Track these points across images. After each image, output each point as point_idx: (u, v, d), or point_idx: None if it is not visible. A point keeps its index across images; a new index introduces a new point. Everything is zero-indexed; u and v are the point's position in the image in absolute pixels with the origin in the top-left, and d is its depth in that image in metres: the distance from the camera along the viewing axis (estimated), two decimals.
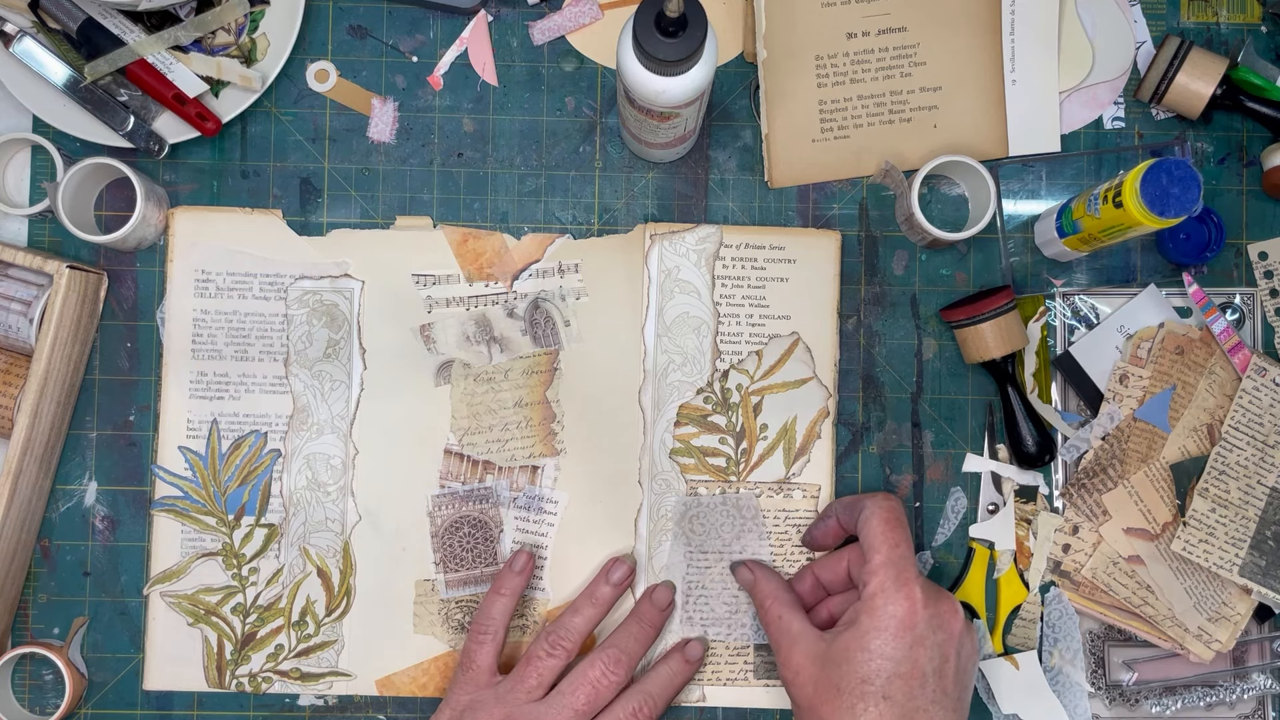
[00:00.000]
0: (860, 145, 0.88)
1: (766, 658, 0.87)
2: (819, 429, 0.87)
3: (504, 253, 0.87)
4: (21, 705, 0.86)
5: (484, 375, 0.87)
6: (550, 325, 0.87)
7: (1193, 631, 0.85)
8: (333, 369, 0.86)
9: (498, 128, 0.89)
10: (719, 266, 0.87)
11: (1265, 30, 0.90)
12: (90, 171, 0.84)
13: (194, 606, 0.86)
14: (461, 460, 0.87)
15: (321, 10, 0.89)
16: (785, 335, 0.87)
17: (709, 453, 0.87)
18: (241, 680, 0.86)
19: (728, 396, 0.87)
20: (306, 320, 0.87)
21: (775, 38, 0.87)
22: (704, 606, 0.86)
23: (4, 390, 0.83)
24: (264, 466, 0.86)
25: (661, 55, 0.71)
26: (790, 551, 0.87)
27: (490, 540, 0.87)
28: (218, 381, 0.87)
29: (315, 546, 0.86)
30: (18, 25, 0.84)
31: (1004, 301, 0.84)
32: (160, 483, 0.86)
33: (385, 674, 0.86)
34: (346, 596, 0.86)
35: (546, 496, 0.87)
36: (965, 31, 0.88)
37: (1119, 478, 0.86)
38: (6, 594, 0.84)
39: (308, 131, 0.88)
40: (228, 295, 0.87)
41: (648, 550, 0.86)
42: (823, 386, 0.87)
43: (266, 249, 0.87)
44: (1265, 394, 0.85)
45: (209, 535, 0.86)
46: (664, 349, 0.87)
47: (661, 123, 0.78)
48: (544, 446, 0.87)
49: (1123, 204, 0.77)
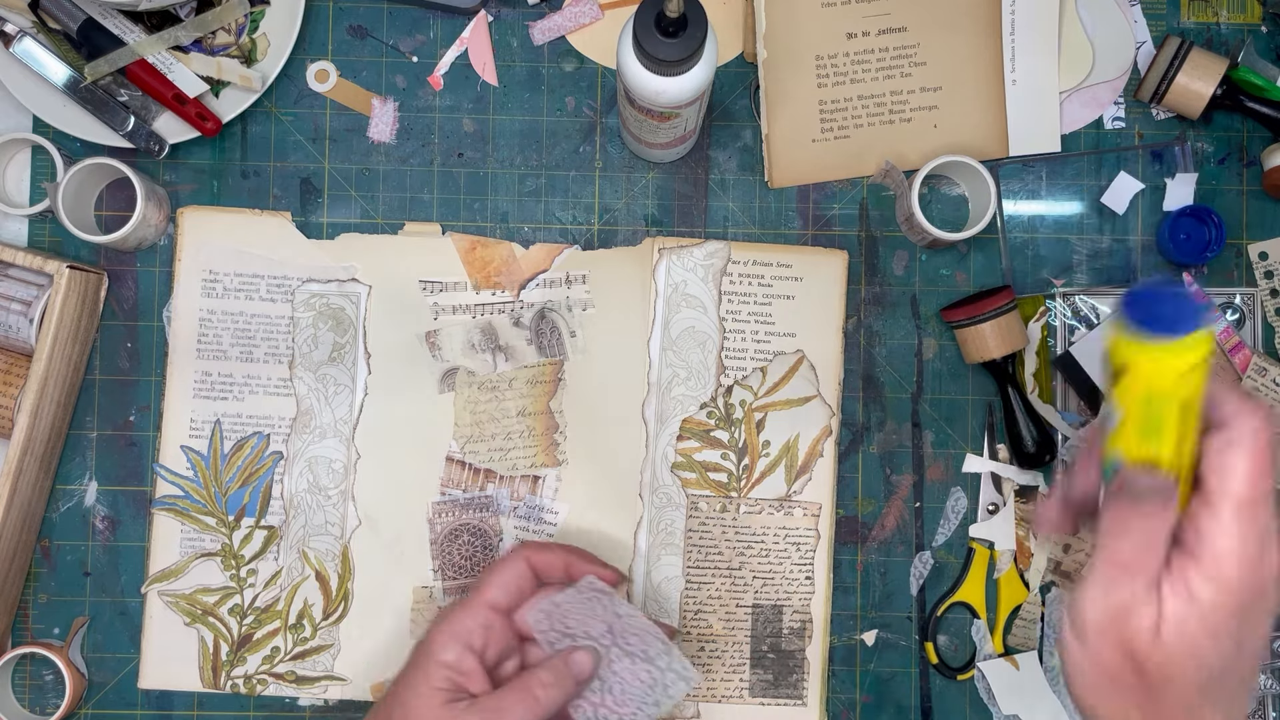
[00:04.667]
0: (860, 145, 0.88)
1: (762, 675, 0.86)
2: (821, 447, 0.87)
3: (511, 262, 0.87)
4: (21, 705, 0.86)
5: (488, 384, 0.87)
6: (556, 335, 0.87)
7: None
8: (337, 372, 0.86)
9: (498, 128, 0.89)
10: (726, 282, 0.87)
11: (1265, 30, 0.90)
12: (90, 171, 0.84)
13: (191, 606, 0.86)
14: (463, 468, 0.87)
15: (321, 10, 0.89)
16: (790, 353, 0.87)
17: (711, 468, 0.87)
18: (236, 682, 0.85)
19: (731, 412, 0.87)
20: (312, 323, 0.87)
21: (775, 38, 0.87)
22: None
23: (4, 390, 0.83)
24: (265, 468, 0.86)
25: (661, 55, 0.71)
26: (790, 570, 0.86)
27: (490, 549, 0.86)
28: (222, 382, 0.87)
29: (314, 550, 0.86)
30: (18, 25, 0.84)
31: (1004, 301, 0.84)
32: (161, 481, 0.86)
33: (380, 679, 0.86)
34: (344, 601, 0.86)
35: (547, 507, 0.86)
36: (965, 31, 0.88)
37: None
38: (6, 594, 0.84)
39: (308, 131, 0.88)
40: (234, 296, 0.87)
41: (646, 564, 0.86)
42: (826, 405, 0.87)
43: (274, 251, 0.87)
44: (1266, 394, 0.85)
45: (208, 535, 0.86)
46: (669, 363, 0.86)
47: (661, 123, 0.78)
48: (546, 456, 0.87)
49: (1127, 374, 0.54)
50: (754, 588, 0.87)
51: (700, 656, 0.86)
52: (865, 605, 0.88)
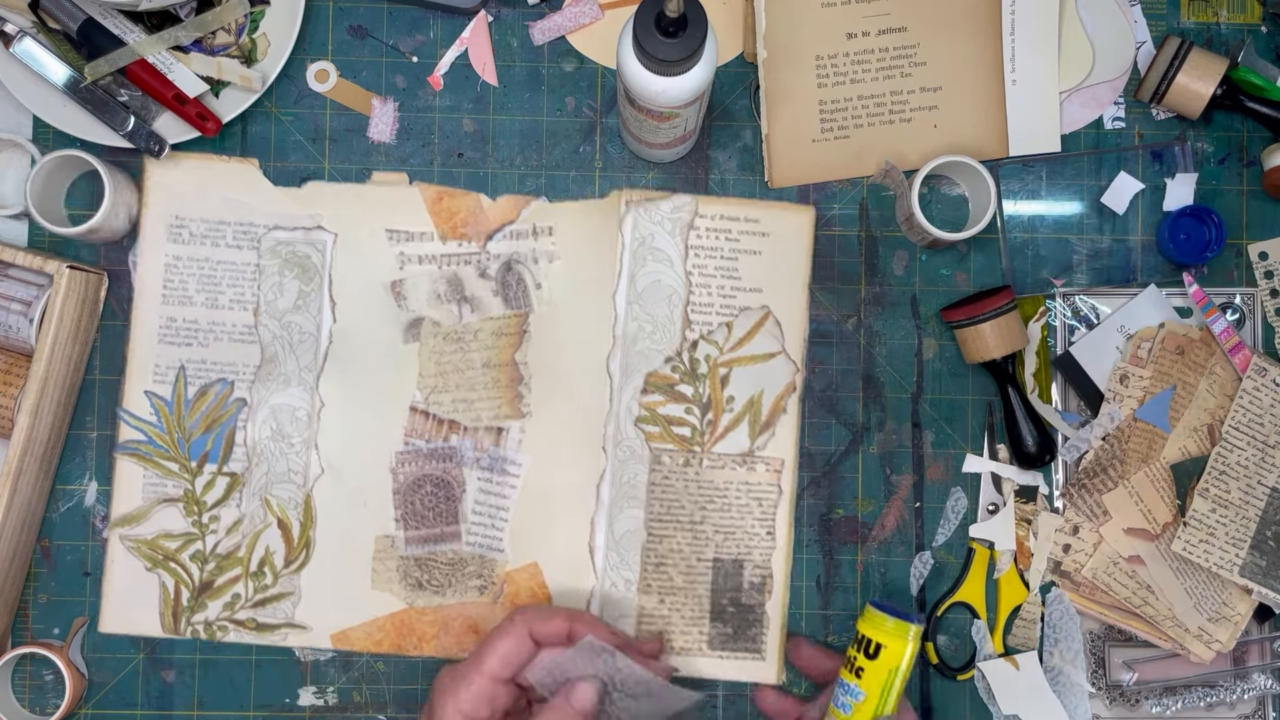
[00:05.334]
0: (860, 145, 0.88)
1: (722, 629, 0.87)
2: (785, 404, 0.87)
3: (479, 212, 0.87)
4: (21, 705, 0.86)
5: (453, 334, 0.87)
6: (521, 287, 0.87)
7: (1193, 632, 0.85)
8: (302, 320, 0.87)
9: (498, 128, 0.89)
10: (693, 236, 0.87)
11: (1265, 30, 0.90)
12: (59, 165, 0.84)
13: (153, 551, 0.86)
14: (427, 418, 0.87)
15: (321, 10, 0.89)
16: (756, 308, 0.87)
17: (674, 422, 0.87)
18: (197, 627, 0.86)
19: (696, 367, 0.87)
20: (278, 271, 0.87)
21: (775, 38, 0.87)
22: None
23: (4, 390, 0.83)
24: (229, 415, 0.87)
25: (662, 55, 0.71)
26: (751, 525, 0.87)
27: (452, 499, 0.87)
28: (187, 328, 0.87)
29: (277, 497, 0.86)
30: (18, 25, 0.84)
31: (1004, 301, 0.84)
32: (125, 426, 0.86)
33: (341, 628, 0.86)
34: (306, 549, 0.86)
35: (510, 458, 0.87)
36: (965, 32, 0.88)
37: (1119, 478, 0.86)
38: (6, 594, 0.84)
39: (308, 131, 0.88)
40: (201, 242, 0.87)
41: (609, 517, 0.86)
42: (791, 361, 0.87)
43: (241, 197, 0.87)
44: (1266, 394, 0.85)
45: (171, 481, 0.86)
46: (634, 316, 0.87)
47: (662, 123, 0.78)
48: (510, 408, 0.87)
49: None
50: (715, 542, 0.87)
51: (660, 609, 0.86)
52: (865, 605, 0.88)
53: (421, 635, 0.86)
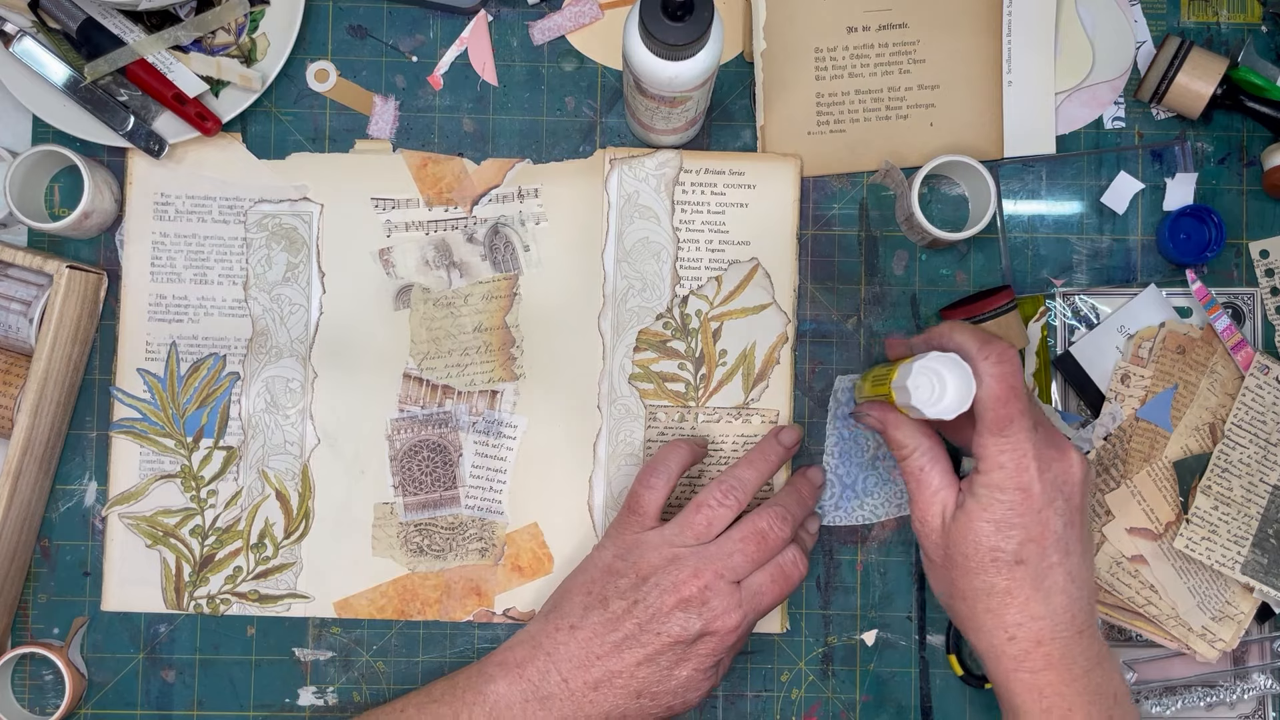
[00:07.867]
0: (856, 140, 0.88)
1: None
2: (778, 354, 0.87)
3: (464, 177, 0.88)
4: (21, 705, 0.86)
5: (443, 300, 0.87)
6: (510, 250, 0.87)
7: (1196, 631, 0.85)
8: (292, 292, 0.87)
9: (498, 128, 0.89)
10: (679, 192, 0.87)
11: (1265, 30, 0.90)
12: (38, 160, 0.84)
13: (152, 528, 0.86)
14: (421, 385, 0.87)
15: (321, 10, 0.89)
16: (745, 261, 0.87)
17: (668, 378, 0.87)
18: (200, 602, 0.86)
19: (687, 322, 0.87)
20: (265, 243, 0.87)
21: (775, 28, 0.87)
22: None
23: (4, 390, 0.83)
24: (223, 389, 0.87)
25: (670, 40, 0.71)
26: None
27: (449, 464, 0.87)
28: (176, 304, 0.87)
29: (274, 469, 0.86)
30: (18, 25, 0.84)
31: (1004, 301, 0.84)
32: (119, 405, 0.87)
33: (343, 596, 0.86)
34: (305, 519, 0.87)
35: (506, 421, 0.87)
36: (965, 31, 0.88)
37: (1121, 477, 0.86)
38: (6, 594, 0.84)
39: (308, 131, 0.88)
40: (187, 219, 0.87)
41: (607, 475, 0.86)
42: (782, 312, 0.87)
43: (225, 172, 0.87)
44: (1268, 392, 0.85)
45: (167, 457, 0.86)
46: (623, 274, 0.87)
47: (674, 108, 0.78)
48: (503, 371, 0.87)
49: None
50: None
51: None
52: (865, 605, 0.88)
53: (424, 600, 0.87)
